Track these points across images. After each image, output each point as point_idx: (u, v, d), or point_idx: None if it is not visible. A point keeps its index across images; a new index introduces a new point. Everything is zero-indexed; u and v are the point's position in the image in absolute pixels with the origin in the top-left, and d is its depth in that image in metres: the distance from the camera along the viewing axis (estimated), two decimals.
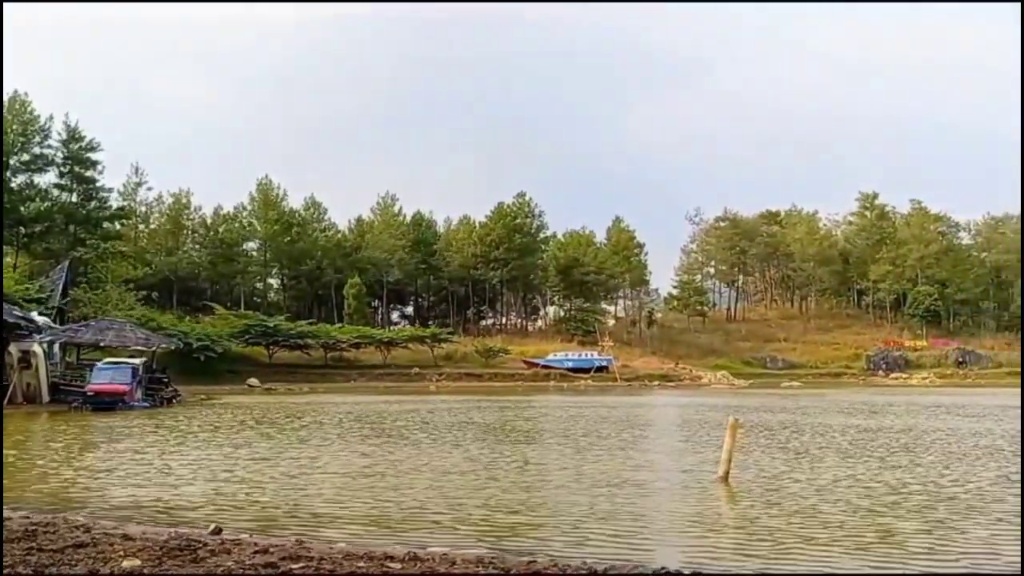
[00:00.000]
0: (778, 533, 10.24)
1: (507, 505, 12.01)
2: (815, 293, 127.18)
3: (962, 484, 13.87)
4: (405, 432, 24.70)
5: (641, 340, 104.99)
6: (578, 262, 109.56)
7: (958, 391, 64.35)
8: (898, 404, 42.84)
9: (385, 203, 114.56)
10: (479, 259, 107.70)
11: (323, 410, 36.26)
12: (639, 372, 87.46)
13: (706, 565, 8.45)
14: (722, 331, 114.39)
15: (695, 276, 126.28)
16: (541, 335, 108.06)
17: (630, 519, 11.09)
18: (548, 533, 10.22)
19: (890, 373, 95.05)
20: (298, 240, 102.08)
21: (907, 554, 9.06)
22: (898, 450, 19.71)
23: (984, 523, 10.61)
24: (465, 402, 43.53)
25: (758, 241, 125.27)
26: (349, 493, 13.08)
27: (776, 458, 18.07)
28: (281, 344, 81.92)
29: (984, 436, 23.16)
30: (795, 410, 37.01)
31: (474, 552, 8.62)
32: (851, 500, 12.49)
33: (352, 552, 8.12)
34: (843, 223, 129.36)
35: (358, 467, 16.30)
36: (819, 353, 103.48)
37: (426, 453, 18.80)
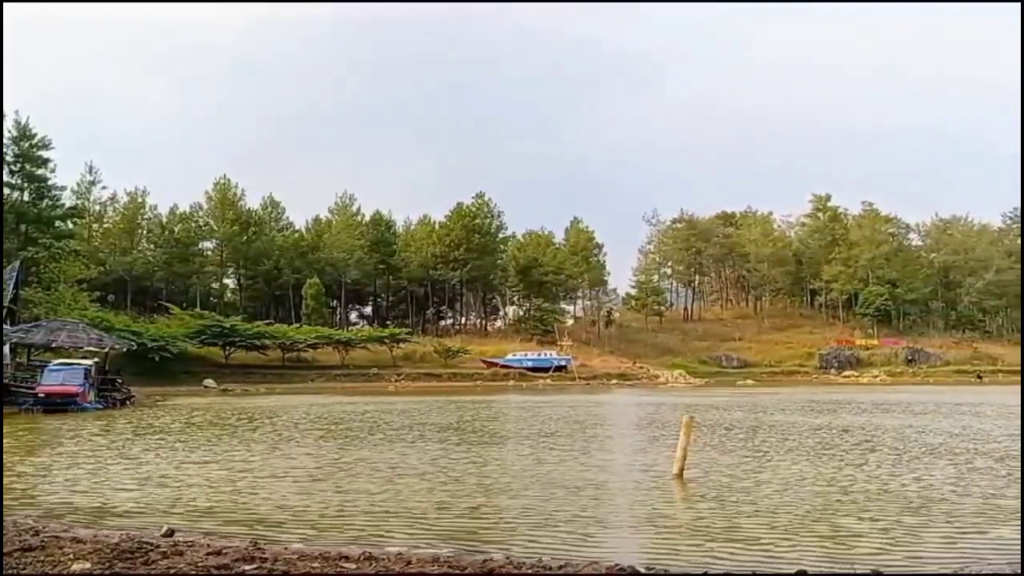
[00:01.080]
0: (731, 529, 10.40)
1: (465, 505, 12.03)
2: (769, 293, 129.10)
3: (915, 483, 14.11)
4: (362, 433, 24.58)
5: (599, 340, 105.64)
6: (537, 262, 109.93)
7: (908, 389, 65.72)
8: (850, 402, 43.63)
9: (343, 203, 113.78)
10: (438, 259, 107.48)
11: (279, 411, 35.90)
12: (597, 371, 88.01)
13: (660, 561, 8.55)
14: (679, 331, 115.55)
15: (652, 276, 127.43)
16: (500, 335, 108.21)
17: (586, 517, 11.18)
18: (506, 532, 10.27)
19: (842, 371, 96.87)
20: (255, 240, 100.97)
21: (856, 552, 9.21)
22: (851, 448, 20.07)
23: (934, 522, 10.78)
24: (424, 402, 43.41)
25: (714, 242, 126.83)
26: (306, 495, 12.99)
27: (730, 455, 18.32)
28: (238, 345, 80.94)
29: (935, 435, 23.58)
30: (749, 408, 37.53)
31: (430, 552, 8.63)
32: (804, 497, 12.71)
33: (307, 552, 8.11)
34: (796, 225, 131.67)
35: (314, 469, 16.19)
36: (773, 352, 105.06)
37: (383, 454, 18.74)
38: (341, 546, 8.77)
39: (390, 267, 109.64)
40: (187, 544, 8.41)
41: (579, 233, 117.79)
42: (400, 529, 10.26)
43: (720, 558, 8.84)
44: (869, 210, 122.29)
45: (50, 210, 78.72)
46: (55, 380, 35.35)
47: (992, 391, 61.05)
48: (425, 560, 8.04)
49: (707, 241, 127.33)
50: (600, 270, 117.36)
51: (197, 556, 7.69)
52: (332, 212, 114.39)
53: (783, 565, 8.39)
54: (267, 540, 9.12)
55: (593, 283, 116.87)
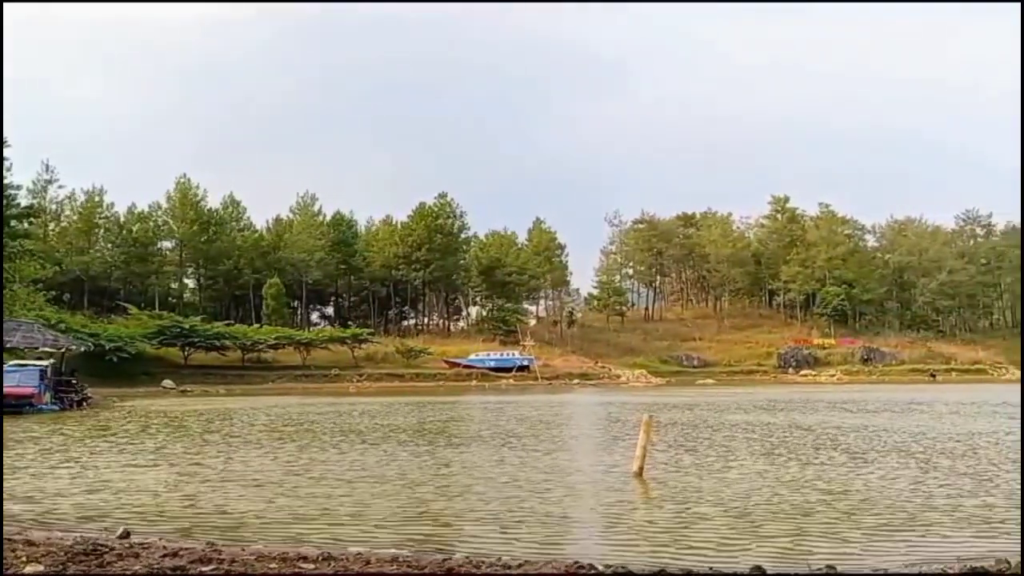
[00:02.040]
0: (689, 527, 10.53)
1: (426, 507, 12.02)
2: (729, 293, 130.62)
3: (873, 482, 14.31)
4: (322, 435, 24.41)
5: (562, 339, 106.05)
6: (500, 262, 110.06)
7: (864, 388, 66.88)
8: (808, 401, 44.33)
9: (305, 203, 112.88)
10: (400, 259, 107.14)
11: (238, 413, 35.56)
12: (559, 371, 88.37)
13: (620, 559, 8.60)
14: (640, 330, 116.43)
15: (614, 277, 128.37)
16: (463, 335, 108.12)
17: (547, 517, 11.24)
18: (467, 533, 10.28)
19: (800, 370, 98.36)
20: (216, 240, 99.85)
21: (812, 549, 9.34)
22: (809, 447, 20.37)
23: (890, 520, 10.93)
24: (385, 403, 43.24)
25: (675, 243, 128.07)
26: (264, 498, 12.86)
27: (689, 454, 18.52)
28: (197, 345, 80.00)
29: (892, 433, 23.94)
30: (709, 407, 37.97)
31: (389, 552, 8.62)
32: (761, 495, 12.89)
33: (265, 553, 8.06)
34: (755, 226, 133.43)
35: (273, 472, 16.05)
36: (733, 351, 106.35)
37: (343, 456, 18.64)
38: (300, 547, 8.75)
39: (352, 267, 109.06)
40: (143, 546, 8.32)
41: (542, 233, 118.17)
42: (360, 531, 10.22)
43: (678, 555, 8.94)
44: (826, 211, 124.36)
45: (5, 209, 77.04)
46: (10, 382, 34.64)
47: (946, 389, 62.43)
48: (384, 560, 8.04)
49: (668, 242, 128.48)
50: (563, 270, 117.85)
51: (153, 558, 7.63)
52: (293, 212, 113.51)
53: (741, 562, 8.49)
54: (224, 542, 9.05)
55: (556, 283, 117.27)
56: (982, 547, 9.12)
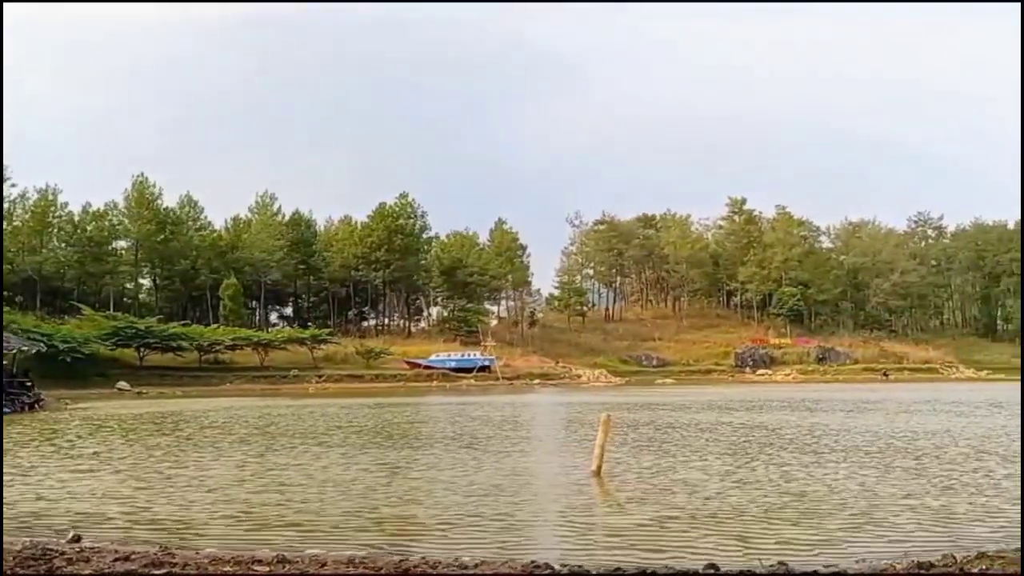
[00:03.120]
0: (646, 525, 10.66)
1: (385, 508, 12.00)
2: (687, 294, 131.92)
3: (826, 479, 14.53)
4: (280, 437, 24.23)
5: (523, 340, 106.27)
6: (461, 263, 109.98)
7: (820, 387, 67.95)
8: (764, 400, 44.93)
9: (263, 202, 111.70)
10: (360, 260, 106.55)
11: (194, 415, 35.12)
12: (520, 371, 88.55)
13: (577, 558, 8.70)
14: (601, 330, 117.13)
15: (575, 277, 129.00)
16: (424, 336, 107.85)
17: (506, 516, 11.30)
18: (425, 534, 10.30)
19: (756, 369, 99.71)
20: (172, 239, 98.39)
21: (764, 546, 9.50)
22: (764, 446, 20.68)
23: (842, 518, 11.12)
24: (345, 405, 42.96)
25: (635, 244, 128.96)
26: (220, 501, 12.75)
27: (646, 453, 18.69)
28: (153, 346, 78.86)
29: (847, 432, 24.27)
30: (667, 406, 38.35)
31: (346, 554, 8.59)
32: (717, 493, 13.07)
33: (219, 557, 8.02)
34: (714, 227, 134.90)
35: (229, 474, 15.92)
36: (691, 351, 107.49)
37: (301, 458, 18.51)
38: (255, 550, 8.71)
39: (311, 268, 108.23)
40: (94, 550, 8.22)
41: (503, 234, 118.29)
42: (317, 534, 10.19)
43: (635, 554, 9.03)
44: (782, 213, 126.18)
45: None
46: None
47: (898, 388, 63.74)
48: (340, 562, 8.02)
49: (628, 243, 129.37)
50: (524, 271, 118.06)
51: (104, 562, 7.56)
52: (252, 211, 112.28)
53: (695, 559, 8.59)
54: (178, 546, 8.97)
55: (517, 284, 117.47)
56: (931, 544, 9.31)
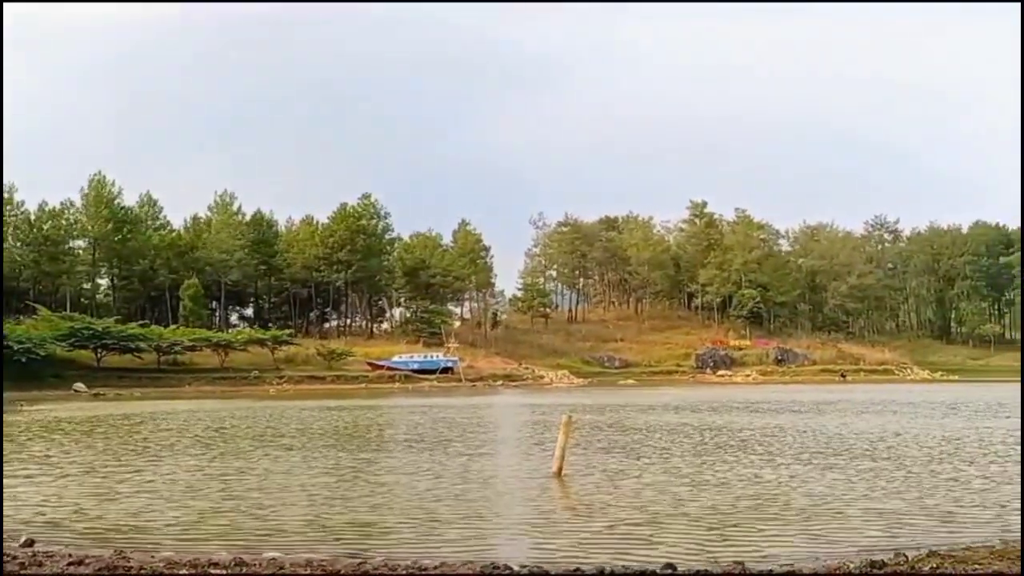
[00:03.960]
0: (605, 525, 10.81)
1: (345, 511, 11.99)
2: (649, 295, 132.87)
3: (784, 480, 14.81)
4: (239, 439, 24.04)
5: (486, 341, 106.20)
6: (425, 264, 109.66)
7: (778, 388, 68.84)
8: (724, 401, 45.46)
9: (223, 201, 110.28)
10: (322, 260, 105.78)
11: (152, 417, 34.64)
12: (484, 372, 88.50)
13: (536, 558, 8.80)
14: (564, 332, 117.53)
15: (538, 279, 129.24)
16: (387, 337, 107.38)
17: (466, 518, 11.37)
18: (387, 536, 10.32)
19: (717, 371, 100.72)
20: (131, 239, 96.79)
21: (722, 546, 9.67)
22: (723, 447, 20.98)
23: (799, 518, 11.31)
24: (306, 406, 42.68)
25: (597, 246, 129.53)
26: (177, 504, 12.64)
27: (607, 454, 18.88)
28: (110, 347, 77.49)
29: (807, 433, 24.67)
30: (628, 408, 38.64)
31: (305, 556, 8.58)
32: (676, 494, 13.25)
33: (175, 560, 7.98)
34: (675, 230, 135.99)
35: (188, 477, 15.79)
36: (653, 352, 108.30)
37: (261, 460, 18.40)
38: (212, 553, 8.66)
39: (272, 268, 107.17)
40: (47, 555, 8.12)
41: (467, 235, 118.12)
42: (276, 537, 10.14)
43: (594, 554, 9.14)
44: (742, 217, 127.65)
45: None
46: None
47: (855, 389, 64.88)
48: (298, 564, 8.01)
49: (591, 245, 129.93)
50: (487, 272, 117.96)
51: (58, 567, 7.48)
52: (211, 211, 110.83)
53: (654, 559, 8.70)
54: (133, 549, 8.87)
55: (480, 285, 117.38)
56: (885, 543, 9.50)
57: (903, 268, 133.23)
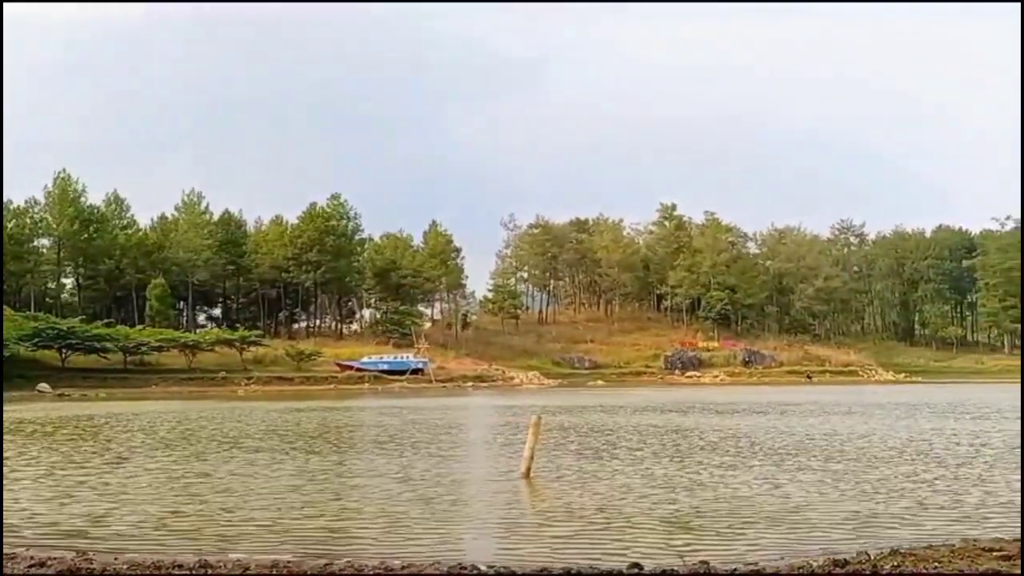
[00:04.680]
0: (573, 526, 10.87)
1: (313, 513, 11.95)
2: (619, 297, 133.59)
3: (750, 482, 14.94)
4: (206, 441, 23.85)
5: (456, 342, 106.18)
6: (395, 265, 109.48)
7: (746, 389, 69.59)
8: (692, 402, 45.81)
9: (191, 200, 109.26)
10: (291, 261, 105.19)
11: (119, 417, 34.24)
12: (454, 373, 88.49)
13: (504, 559, 8.83)
14: (534, 333, 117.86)
15: (509, 280, 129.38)
16: (356, 338, 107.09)
17: (435, 519, 11.38)
18: (355, 538, 10.30)
19: (685, 372, 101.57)
20: (96, 238, 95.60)
21: (688, 547, 9.75)
22: (689, 448, 21.12)
23: (764, 519, 11.40)
24: (274, 407, 42.41)
25: (568, 248, 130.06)
26: (141, 506, 12.53)
27: (575, 455, 18.98)
28: (76, 347, 76.52)
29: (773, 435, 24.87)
30: (597, 409, 38.83)
31: (270, 558, 8.55)
32: (643, 494, 13.35)
33: (138, 562, 7.92)
34: (645, 232, 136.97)
35: (152, 478, 15.66)
36: (622, 353, 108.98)
37: (228, 463, 18.29)
38: (176, 555, 8.60)
39: (240, 268, 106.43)
40: (9, 556, 8.03)
41: (437, 236, 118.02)
42: (242, 539, 10.10)
43: (561, 554, 9.20)
44: (711, 219, 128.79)
45: None
46: None
47: (820, 390, 65.63)
48: (264, 566, 7.98)
49: (561, 246, 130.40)
50: (458, 273, 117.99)
51: (19, 568, 7.41)
52: (179, 210, 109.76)
53: (620, 559, 8.77)
54: (96, 551, 8.79)
55: (451, 286, 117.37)
56: (849, 542, 9.63)
57: (868, 271, 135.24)
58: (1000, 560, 7.81)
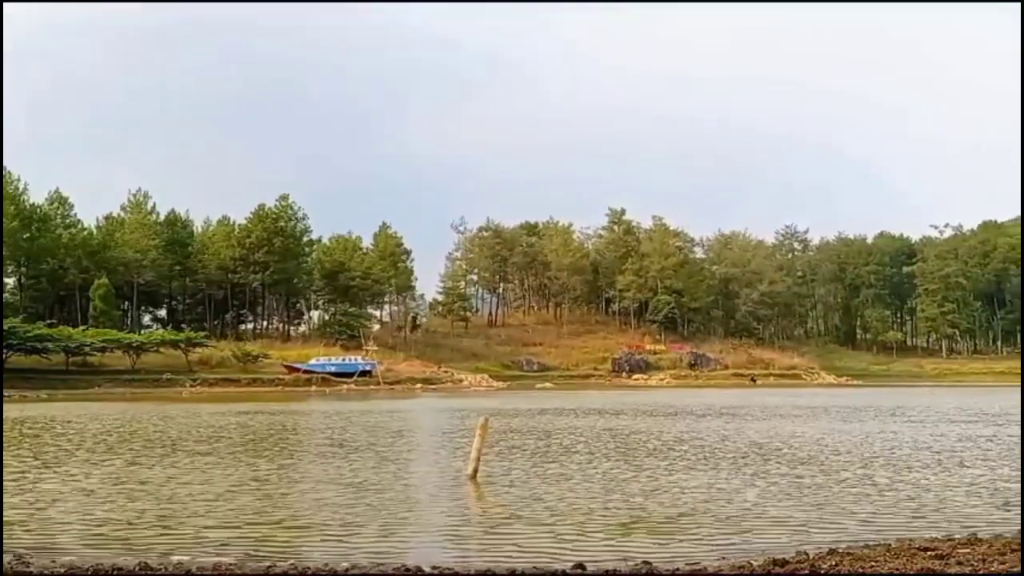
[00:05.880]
0: (518, 526, 11.06)
1: (258, 516, 11.93)
2: (568, 300, 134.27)
3: (689, 483, 15.33)
4: (149, 443, 23.54)
5: (405, 344, 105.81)
6: (344, 267, 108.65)
7: (692, 391, 70.48)
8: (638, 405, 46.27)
9: (137, 200, 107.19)
10: (238, 261, 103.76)
11: (59, 419, 33.49)
12: (402, 376, 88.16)
13: (449, 560, 8.96)
14: (483, 336, 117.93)
15: (459, 283, 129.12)
16: (304, 340, 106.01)
17: (380, 522, 11.46)
18: (298, 541, 10.33)
19: (633, 374, 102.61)
20: (39, 237, 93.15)
21: (630, 546, 9.99)
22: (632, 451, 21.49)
23: (705, 519, 11.69)
24: (219, 410, 41.79)
25: (518, 251, 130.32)
26: (83, 510, 12.38)
27: (521, 457, 19.19)
28: (16, 348, 74.46)
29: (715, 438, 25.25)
30: (546, 411, 39.05)
31: (212, 560, 8.55)
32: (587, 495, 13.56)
33: (77, 565, 7.89)
34: (594, 236, 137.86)
35: (96, 483, 15.43)
36: (571, 356, 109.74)
37: (172, 466, 18.06)
38: (115, 558, 8.56)
39: (187, 269, 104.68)
40: None
41: (387, 238, 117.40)
42: (185, 542, 10.06)
43: (506, 554, 9.36)
44: (659, 224, 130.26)
45: None
46: None
47: (764, 392, 66.92)
48: (206, 568, 8.00)
49: (512, 249, 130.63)
50: (408, 276, 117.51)
51: None
52: (125, 210, 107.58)
53: (564, 559, 8.92)
54: (34, 555, 8.70)
55: (400, 288, 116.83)
56: (788, 543, 9.89)
57: (812, 276, 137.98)
58: (934, 559, 8.05)
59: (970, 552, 8.32)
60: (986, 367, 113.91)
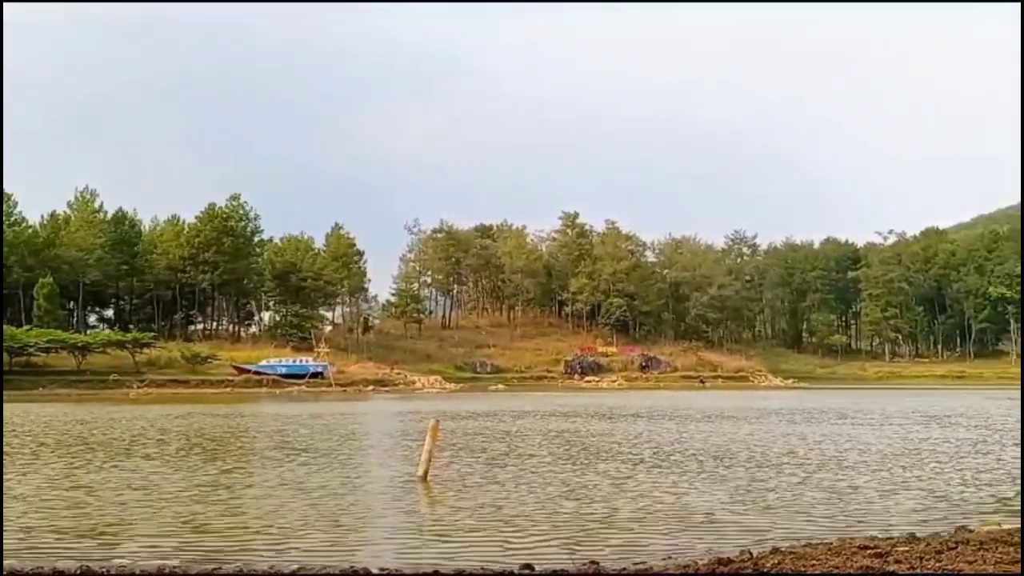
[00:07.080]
0: (467, 528, 11.17)
1: (203, 520, 11.87)
2: (522, 303, 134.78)
3: (641, 484, 15.50)
4: (95, 446, 23.19)
5: (358, 346, 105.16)
6: (296, 267, 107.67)
7: (643, 393, 71.20)
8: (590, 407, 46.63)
9: (84, 198, 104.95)
10: (187, 261, 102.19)
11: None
12: (355, 378, 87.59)
13: (397, 561, 9.04)
14: (437, 337, 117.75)
15: (413, 284, 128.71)
16: (255, 341, 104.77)
17: (329, 523, 11.47)
18: (245, 544, 10.31)
19: (585, 376, 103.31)
20: None
21: (580, 547, 10.12)
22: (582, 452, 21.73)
23: (654, 518, 11.90)
24: (166, 412, 41.16)
25: (472, 253, 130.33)
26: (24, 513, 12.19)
27: (472, 458, 19.28)
28: None
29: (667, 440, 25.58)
30: (499, 414, 39.17)
31: (156, 563, 8.49)
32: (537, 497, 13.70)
33: (17, 568, 7.84)
34: (548, 239, 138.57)
35: (38, 488, 15.17)
36: (524, 358, 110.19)
37: (115, 470, 17.84)
38: (56, 561, 8.48)
39: (134, 268, 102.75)
40: None
41: (340, 239, 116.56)
42: (129, 545, 9.98)
43: (454, 555, 9.45)
44: (612, 228, 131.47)
45: None
46: None
47: (714, 395, 67.90)
48: (149, 571, 7.97)
49: (466, 252, 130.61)
50: (360, 277, 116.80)
51: None
52: (71, 208, 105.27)
53: (512, 560, 9.01)
54: None
55: (353, 290, 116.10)
56: (731, 542, 10.13)
57: (760, 280, 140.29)
58: (873, 557, 8.25)
59: (908, 550, 8.53)
60: (927, 370, 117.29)
